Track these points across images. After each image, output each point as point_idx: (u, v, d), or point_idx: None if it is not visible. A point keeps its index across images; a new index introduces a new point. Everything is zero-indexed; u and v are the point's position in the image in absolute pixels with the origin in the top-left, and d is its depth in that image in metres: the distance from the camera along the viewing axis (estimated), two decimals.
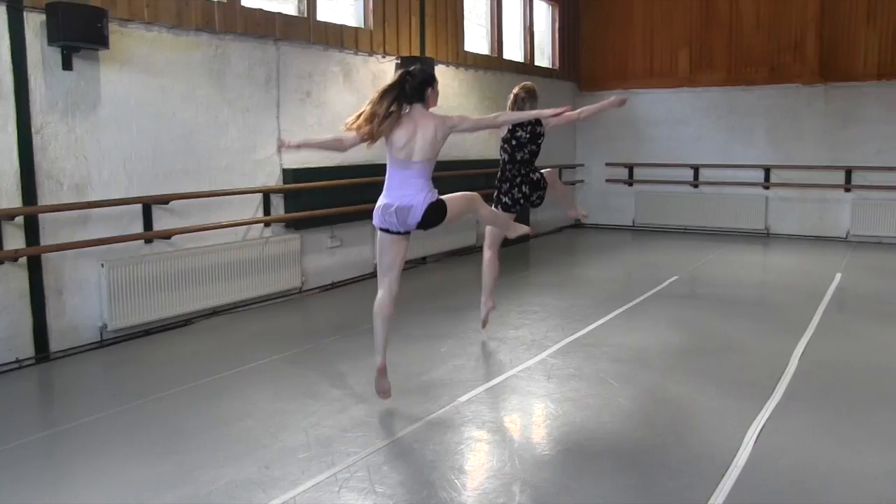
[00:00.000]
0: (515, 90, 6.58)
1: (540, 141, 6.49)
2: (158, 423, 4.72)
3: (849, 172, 12.47)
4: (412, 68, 4.98)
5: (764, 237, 13.06)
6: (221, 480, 3.91)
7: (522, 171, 6.45)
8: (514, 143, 6.44)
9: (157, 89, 6.80)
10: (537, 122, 6.41)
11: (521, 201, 6.48)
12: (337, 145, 5.07)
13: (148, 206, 6.72)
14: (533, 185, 6.47)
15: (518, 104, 6.48)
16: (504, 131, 6.44)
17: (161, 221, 6.86)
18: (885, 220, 12.20)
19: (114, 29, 6.32)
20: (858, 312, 7.75)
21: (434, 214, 4.98)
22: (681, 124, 13.71)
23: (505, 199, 6.48)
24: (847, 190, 12.52)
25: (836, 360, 5.92)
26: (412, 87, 4.87)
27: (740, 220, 13.25)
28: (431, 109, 4.96)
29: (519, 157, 6.44)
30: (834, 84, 12.47)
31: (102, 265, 6.33)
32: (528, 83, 6.69)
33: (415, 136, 4.82)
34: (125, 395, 5.20)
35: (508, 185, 6.48)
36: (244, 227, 7.70)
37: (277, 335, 6.88)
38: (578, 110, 6.19)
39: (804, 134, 12.79)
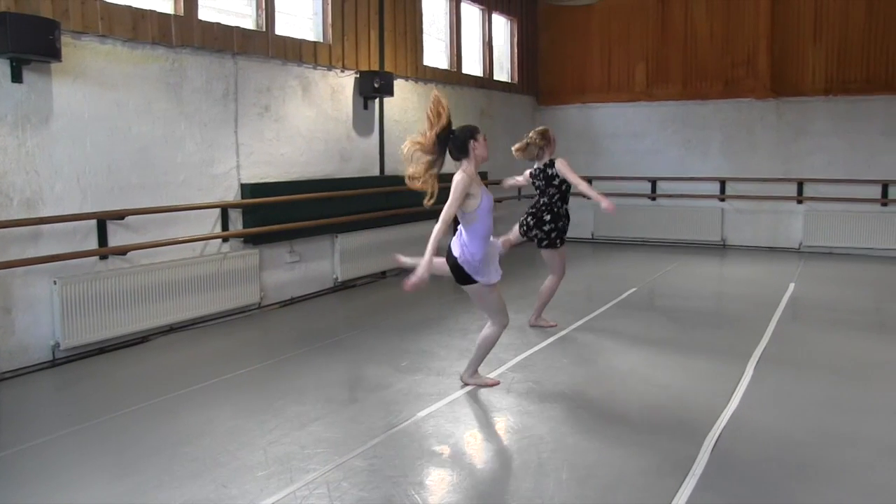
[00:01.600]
0: (531, 135, 7.12)
1: (555, 182, 7.07)
2: (113, 444, 4.64)
3: (801, 184, 12.73)
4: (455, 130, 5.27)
5: (720, 248, 13.25)
6: (178, 500, 3.85)
7: (539, 206, 7.18)
8: (535, 184, 7.25)
9: (112, 103, 6.71)
10: (550, 164, 7.06)
11: (524, 229, 7.24)
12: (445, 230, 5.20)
13: (103, 221, 6.61)
14: (538, 222, 7.11)
15: (529, 150, 7.11)
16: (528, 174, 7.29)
17: (116, 237, 6.75)
18: (836, 231, 12.47)
19: (67, 41, 6.23)
20: (811, 321, 7.88)
21: (456, 273, 5.31)
22: (638, 137, 13.88)
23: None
24: (799, 202, 12.77)
25: (791, 363, 6.02)
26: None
27: (697, 232, 13.44)
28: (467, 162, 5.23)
29: (544, 198, 7.14)
30: (785, 98, 12.74)
31: (55, 282, 6.21)
32: (542, 128, 7.23)
33: None
34: (78, 416, 5.10)
35: (526, 213, 7.28)
36: (202, 243, 7.62)
37: (236, 351, 6.81)
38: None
39: (758, 147, 13.04)
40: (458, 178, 5.10)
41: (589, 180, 14.02)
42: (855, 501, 3.83)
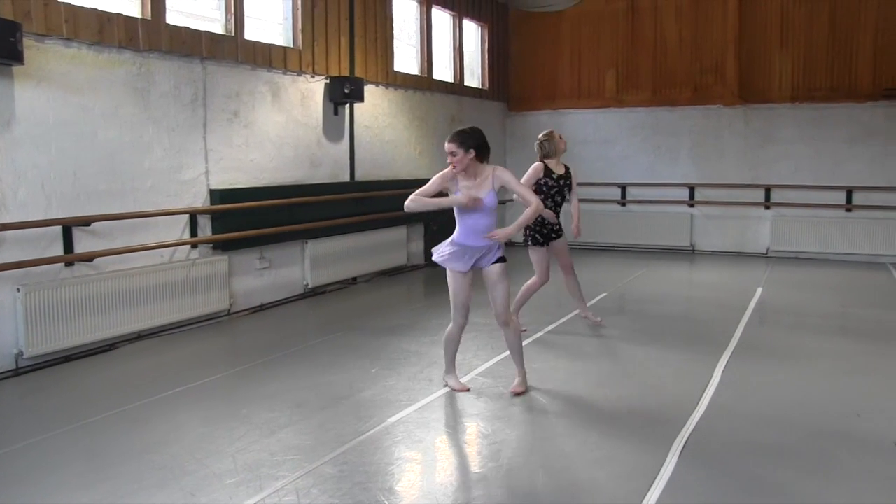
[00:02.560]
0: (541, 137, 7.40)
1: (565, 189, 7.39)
2: (79, 453, 4.57)
3: (768, 190, 12.90)
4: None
5: (689, 254, 13.36)
6: None
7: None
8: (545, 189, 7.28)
9: (77, 107, 6.62)
10: (567, 172, 7.41)
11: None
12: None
13: (68, 227, 6.52)
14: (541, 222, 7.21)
15: (539, 148, 7.36)
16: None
17: (82, 243, 6.66)
18: (802, 236, 12.65)
19: (29, 44, 6.14)
20: (778, 325, 7.96)
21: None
22: (608, 144, 13.97)
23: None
24: (767, 207, 12.94)
25: (758, 366, 6.08)
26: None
27: (666, 238, 13.55)
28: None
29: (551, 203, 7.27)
30: (753, 105, 12.92)
31: (18, 290, 6.11)
32: (549, 131, 7.49)
33: None
34: (42, 425, 5.01)
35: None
36: (170, 249, 7.54)
37: (205, 359, 6.75)
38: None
39: (726, 153, 13.19)
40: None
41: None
42: (827, 493, 3.88)
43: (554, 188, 7.24)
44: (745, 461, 4.35)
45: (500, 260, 5.41)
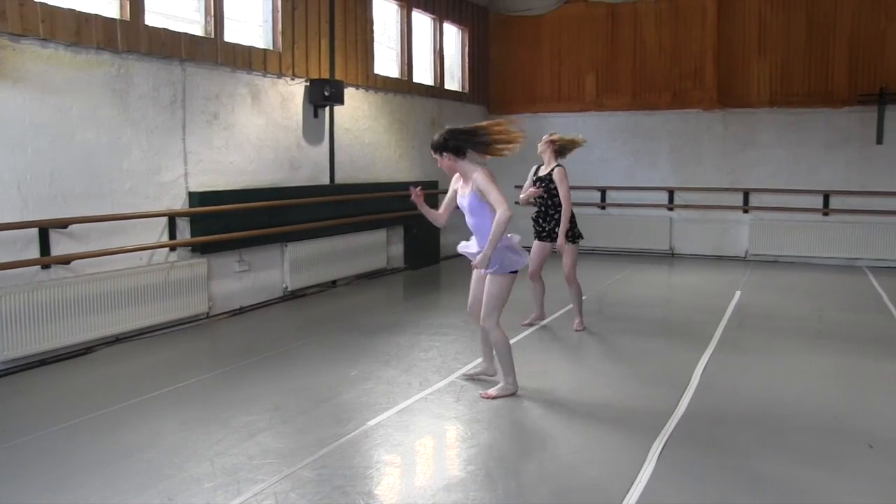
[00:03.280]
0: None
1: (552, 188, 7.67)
2: (55, 458, 4.52)
3: (746, 194, 13.00)
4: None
5: (669, 257, 13.44)
6: None
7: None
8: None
9: (54, 109, 6.57)
10: (549, 174, 7.67)
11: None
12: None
13: (45, 230, 6.46)
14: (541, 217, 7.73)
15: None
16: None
17: (59, 246, 6.61)
18: (780, 240, 12.76)
19: (4, 44, 6.09)
20: (756, 328, 8.02)
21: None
22: (588, 147, 13.87)
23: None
24: (745, 211, 13.04)
25: (737, 368, 6.12)
26: None
27: (646, 241, 13.62)
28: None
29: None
30: (731, 110, 13.02)
31: None
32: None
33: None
34: (18, 429, 4.96)
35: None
36: (148, 252, 7.49)
37: (183, 362, 6.71)
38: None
39: (705, 157, 13.28)
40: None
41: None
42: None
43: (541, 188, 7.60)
44: (724, 462, 4.38)
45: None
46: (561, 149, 7.72)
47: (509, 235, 5.43)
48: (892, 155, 12.08)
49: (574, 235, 7.66)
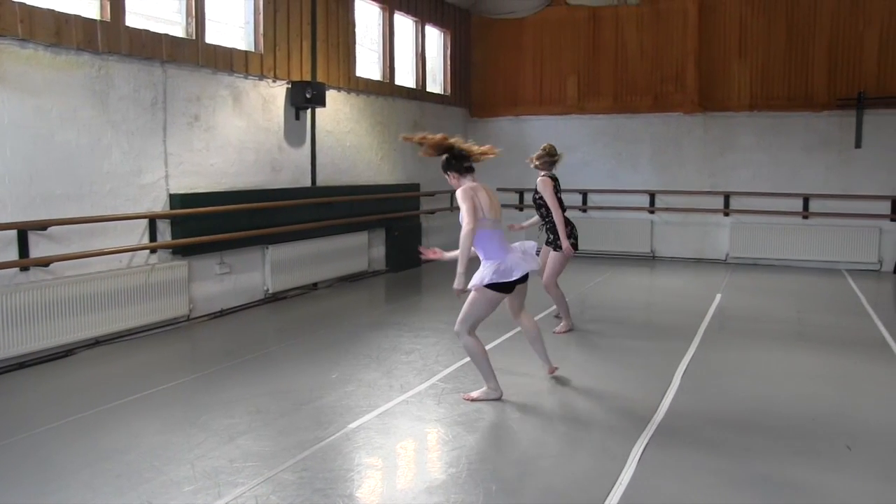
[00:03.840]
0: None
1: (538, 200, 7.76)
2: (33, 462, 4.48)
3: (727, 197, 13.09)
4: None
5: (650, 260, 13.51)
6: None
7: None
8: (558, 195, 7.67)
9: (34, 109, 6.52)
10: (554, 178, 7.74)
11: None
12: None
13: (24, 231, 6.41)
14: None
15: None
16: (550, 185, 7.64)
17: (39, 248, 6.56)
18: (761, 243, 12.86)
19: None
20: (736, 330, 8.07)
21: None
22: (569, 150, 13.94)
23: (571, 240, 7.67)
24: (726, 214, 13.13)
25: (717, 371, 6.16)
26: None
27: (627, 244, 13.68)
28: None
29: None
30: (712, 113, 13.11)
31: None
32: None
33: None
34: None
35: (571, 227, 7.74)
36: (129, 254, 7.45)
37: (164, 365, 6.67)
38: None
39: (686, 160, 13.37)
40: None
41: (521, 192, 14.31)
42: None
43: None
44: (705, 462, 4.41)
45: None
46: (541, 162, 7.79)
47: (523, 243, 5.62)
48: (871, 159, 12.22)
49: (562, 242, 7.60)
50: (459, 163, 5.51)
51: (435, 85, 13.91)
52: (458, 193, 5.38)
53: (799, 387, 5.98)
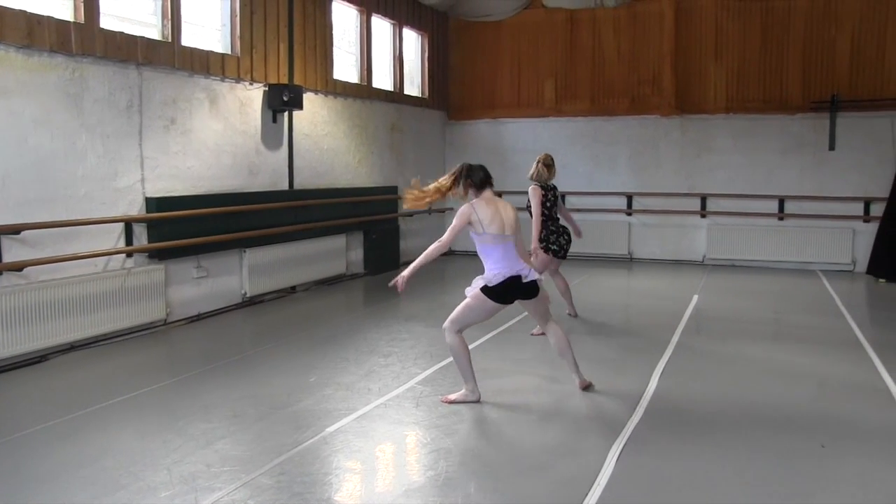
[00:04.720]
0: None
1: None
2: (6, 469, 4.42)
3: (704, 199, 13.19)
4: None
5: (627, 262, 13.58)
6: None
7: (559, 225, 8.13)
8: (548, 204, 8.09)
9: (5, 112, 6.45)
10: (552, 187, 8.27)
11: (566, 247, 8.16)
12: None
13: None
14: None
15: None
16: (539, 194, 8.03)
17: (11, 252, 6.48)
18: (737, 244, 12.97)
19: None
20: (713, 332, 8.13)
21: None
22: (548, 152, 14.07)
23: (554, 247, 8.01)
24: (703, 216, 13.23)
25: (693, 372, 6.20)
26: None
27: (605, 246, 13.72)
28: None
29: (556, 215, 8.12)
30: (689, 116, 13.21)
31: None
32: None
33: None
34: None
35: (558, 234, 8.09)
36: (104, 258, 7.38)
37: (140, 369, 6.62)
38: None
39: (663, 163, 13.45)
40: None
41: (499, 194, 14.27)
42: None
43: None
44: (682, 463, 4.44)
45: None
46: (538, 173, 8.22)
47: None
48: (844, 161, 12.36)
49: (533, 243, 7.81)
50: (469, 178, 5.57)
51: (413, 87, 13.90)
52: (460, 210, 5.49)
53: (775, 386, 6.02)
